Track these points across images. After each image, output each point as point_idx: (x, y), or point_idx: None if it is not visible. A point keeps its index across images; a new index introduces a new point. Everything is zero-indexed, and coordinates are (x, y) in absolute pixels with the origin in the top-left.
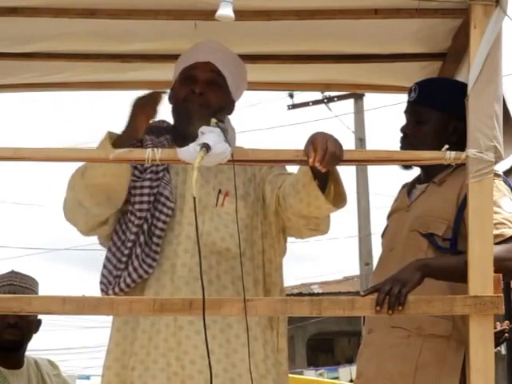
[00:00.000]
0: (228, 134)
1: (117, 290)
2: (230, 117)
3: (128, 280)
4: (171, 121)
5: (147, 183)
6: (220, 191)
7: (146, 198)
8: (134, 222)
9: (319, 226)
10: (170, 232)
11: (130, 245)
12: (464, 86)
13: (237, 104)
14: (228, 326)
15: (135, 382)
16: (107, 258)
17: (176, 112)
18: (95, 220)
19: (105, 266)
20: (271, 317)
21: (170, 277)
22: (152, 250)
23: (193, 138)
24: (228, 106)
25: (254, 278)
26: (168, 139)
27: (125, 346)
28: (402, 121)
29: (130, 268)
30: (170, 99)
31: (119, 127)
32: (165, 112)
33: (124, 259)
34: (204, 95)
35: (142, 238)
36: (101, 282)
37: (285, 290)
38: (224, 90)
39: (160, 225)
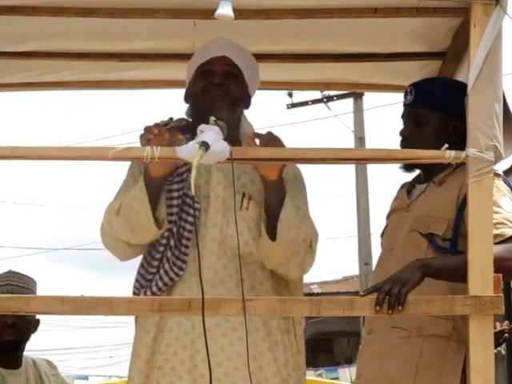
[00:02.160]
0: (225, 132)
1: (149, 293)
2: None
3: (160, 283)
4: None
5: (175, 186)
6: (244, 194)
7: (175, 202)
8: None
9: (289, 271)
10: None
11: (161, 249)
12: (460, 84)
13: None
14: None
15: (161, 381)
16: (141, 264)
17: (195, 107)
18: (135, 250)
19: (138, 270)
20: (288, 319)
21: (197, 279)
22: (182, 253)
23: None
24: (246, 98)
25: (272, 284)
26: (188, 138)
27: (153, 347)
28: (401, 122)
29: (162, 271)
30: (187, 98)
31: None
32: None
33: (155, 263)
34: (223, 85)
35: (172, 241)
36: (134, 287)
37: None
38: (242, 82)
39: (188, 226)
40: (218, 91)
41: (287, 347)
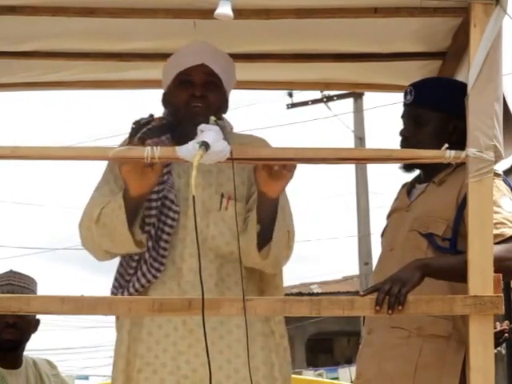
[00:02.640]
0: (227, 132)
1: (126, 293)
2: (225, 115)
3: (137, 285)
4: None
5: (155, 188)
6: (223, 195)
7: (154, 204)
8: (143, 228)
9: (266, 269)
10: (175, 236)
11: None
12: (460, 84)
13: (236, 103)
14: (228, 332)
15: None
16: (120, 262)
17: (177, 117)
18: (115, 254)
19: (117, 269)
20: (269, 321)
21: (177, 281)
22: (159, 255)
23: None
24: (225, 104)
25: (254, 280)
26: (169, 138)
27: (134, 348)
28: (401, 122)
29: (139, 273)
30: (166, 103)
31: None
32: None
33: (134, 264)
34: (205, 97)
35: (149, 243)
36: (113, 285)
37: (284, 291)
38: (220, 90)
39: (167, 229)
40: (200, 104)
41: (272, 350)
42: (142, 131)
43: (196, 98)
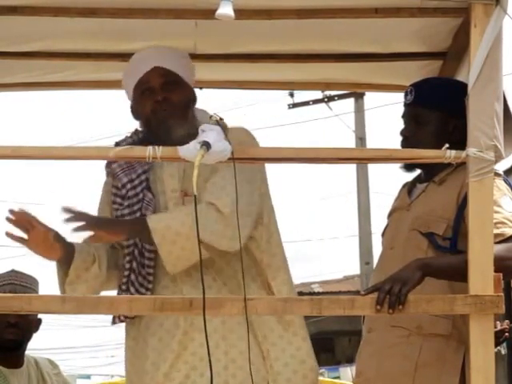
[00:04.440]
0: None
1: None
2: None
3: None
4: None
5: (126, 211)
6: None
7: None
8: (124, 251)
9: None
10: None
11: (126, 273)
12: (460, 84)
13: (237, 103)
14: (230, 331)
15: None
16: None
17: (149, 127)
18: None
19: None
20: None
21: (173, 291)
22: (146, 274)
23: (178, 143)
24: (191, 97)
25: (251, 273)
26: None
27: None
28: (402, 122)
29: (132, 290)
30: (136, 116)
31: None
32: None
33: (124, 287)
34: (168, 99)
35: (134, 264)
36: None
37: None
38: (182, 86)
39: (148, 246)
40: (165, 107)
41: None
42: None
43: (160, 103)
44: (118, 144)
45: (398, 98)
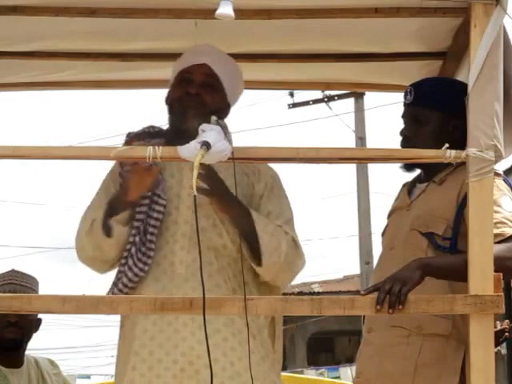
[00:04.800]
0: (228, 132)
1: (116, 290)
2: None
3: (125, 279)
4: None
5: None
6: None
7: (145, 201)
8: (133, 225)
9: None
10: (166, 231)
11: (128, 246)
12: (460, 84)
13: (237, 103)
14: (216, 330)
15: (137, 380)
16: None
17: (171, 112)
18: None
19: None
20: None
21: (170, 275)
22: (147, 248)
23: (188, 136)
24: (224, 108)
25: (251, 274)
26: (161, 142)
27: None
28: (401, 122)
29: (126, 267)
30: (166, 100)
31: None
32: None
33: (123, 261)
34: (199, 96)
35: (137, 238)
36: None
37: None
38: (220, 93)
39: (152, 222)
40: (192, 102)
41: (254, 352)
42: (131, 135)
43: (190, 96)
44: (129, 134)
45: (398, 98)
